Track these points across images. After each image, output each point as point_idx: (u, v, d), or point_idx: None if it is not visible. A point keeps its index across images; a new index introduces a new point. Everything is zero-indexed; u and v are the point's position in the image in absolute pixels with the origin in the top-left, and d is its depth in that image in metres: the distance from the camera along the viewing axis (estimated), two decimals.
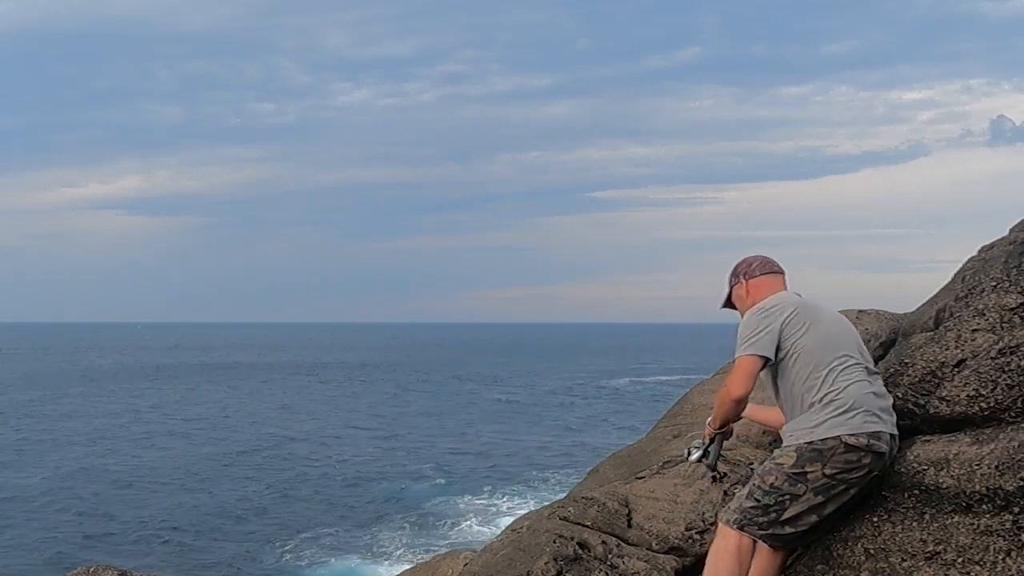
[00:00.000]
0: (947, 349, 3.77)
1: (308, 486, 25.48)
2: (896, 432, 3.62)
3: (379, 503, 23.21)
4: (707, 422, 4.04)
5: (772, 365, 3.71)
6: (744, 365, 3.69)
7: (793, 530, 3.59)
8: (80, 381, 62.15)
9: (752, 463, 5.14)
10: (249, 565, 17.90)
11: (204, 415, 43.01)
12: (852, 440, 3.46)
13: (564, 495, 6.92)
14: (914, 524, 3.48)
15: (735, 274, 4.05)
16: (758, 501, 3.59)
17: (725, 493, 5.34)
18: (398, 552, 18.11)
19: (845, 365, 3.60)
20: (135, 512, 22.06)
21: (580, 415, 43.83)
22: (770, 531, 3.60)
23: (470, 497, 23.53)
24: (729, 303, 4.10)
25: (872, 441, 3.48)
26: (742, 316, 3.92)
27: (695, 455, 4.10)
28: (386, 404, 48.66)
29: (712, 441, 4.03)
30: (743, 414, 3.94)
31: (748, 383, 3.70)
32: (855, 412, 3.50)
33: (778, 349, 3.67)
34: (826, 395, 3.55)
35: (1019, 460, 3.22)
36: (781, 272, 4.01)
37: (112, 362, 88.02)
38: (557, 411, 45.43)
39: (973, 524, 3.31)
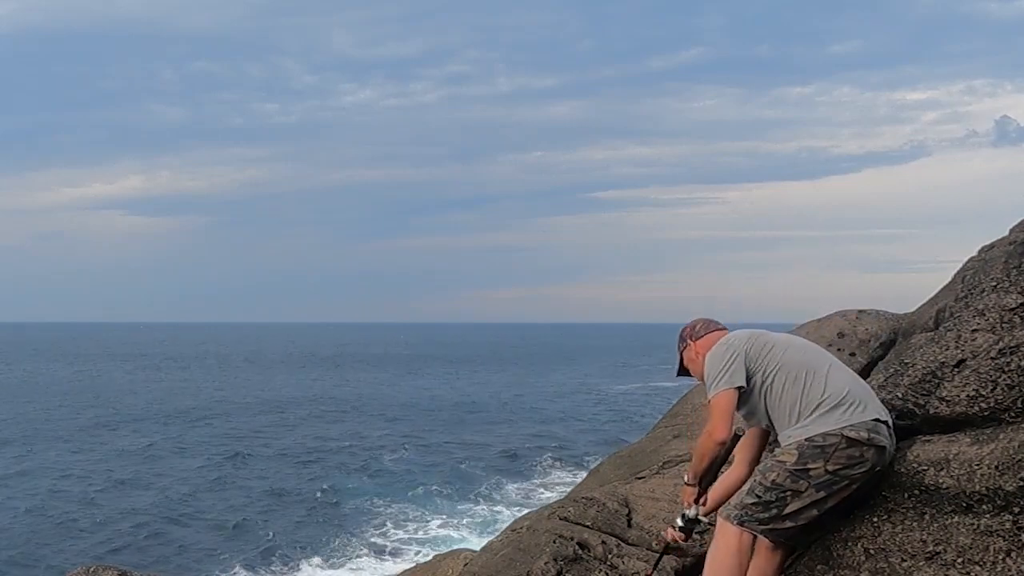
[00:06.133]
0: (947, 349, 3.78)
1: (307, 486, 25.49)
2: (890, 419, 3.64)
3: (378, 503, 23.21)
4: (684, 481, 4.04)
5: (747, 392, 3.73)
6: (721, 404, 3.71)
7: (793, 524, 3.60)
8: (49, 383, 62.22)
9: None
10: (247, 564, 17.90)
11: (200, 418, 43.02)
12: (853, 434, 3.48)
13: (564, 495, 6.93)
14: (914, 524, 3.48)
15: (681, 339, 4.10)
16: (759, 498, 3.60)
17: None
18: (397, 552, 18.12)
19: (828, 368, 3.67)
20: (133, 512, 22.07)
21: (580, 415, 43.83)
22: (770, 525, 3.62)
23: (468, 496, 23.54)
24: (683, 369, 4.13)
25: (873, 435, 3.50)
26: (698, 377, 3.97)
27: (687, 521, 4.04)
28: (386, 403, 48.66)
29: (697, 500, 3.99)
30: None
31: (728, 422, 3.72)
32: (851, 404, 3.54)
33: (752, 373, 3.71)
34: (818, 395, 3.59)
35: (1019, 460, 3.22)
36: (724, 329, 4.04)
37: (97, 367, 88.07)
38: (557, 411, 45.43)
39: (973, 524, 3.31)
